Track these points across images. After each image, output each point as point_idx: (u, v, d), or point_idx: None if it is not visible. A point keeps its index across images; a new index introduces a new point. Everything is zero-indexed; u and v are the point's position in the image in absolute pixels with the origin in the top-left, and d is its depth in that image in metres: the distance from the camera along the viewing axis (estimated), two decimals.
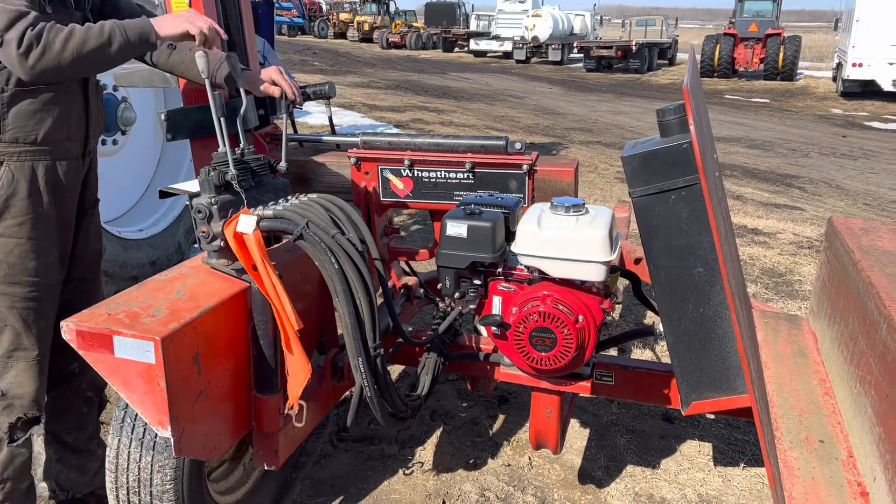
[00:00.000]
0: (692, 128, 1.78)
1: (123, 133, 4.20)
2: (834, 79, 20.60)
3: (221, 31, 2.12)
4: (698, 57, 24.26)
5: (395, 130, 11.44)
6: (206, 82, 2.05)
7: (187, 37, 2.06)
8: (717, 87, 21.37)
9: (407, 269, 3.21)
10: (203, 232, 1.95)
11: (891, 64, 16.93)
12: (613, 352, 3.34)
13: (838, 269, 2.22)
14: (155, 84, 2.64)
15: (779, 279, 5.19)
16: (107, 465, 2.05)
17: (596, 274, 2.09)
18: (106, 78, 3.53)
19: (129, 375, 1.72)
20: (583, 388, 2.35)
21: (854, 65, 17.31)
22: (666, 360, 3.52)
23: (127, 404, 2.00)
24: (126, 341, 1.70)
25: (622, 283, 2.63)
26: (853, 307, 1.94)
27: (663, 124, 2.07)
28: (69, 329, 1.73)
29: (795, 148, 11.43)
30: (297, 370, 2.00)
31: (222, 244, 1.97)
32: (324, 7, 47.62)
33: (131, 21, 2.01)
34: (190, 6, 2.54)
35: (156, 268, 4.19)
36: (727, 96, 19.34)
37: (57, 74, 1.91)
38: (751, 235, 6.25)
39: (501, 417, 3.27)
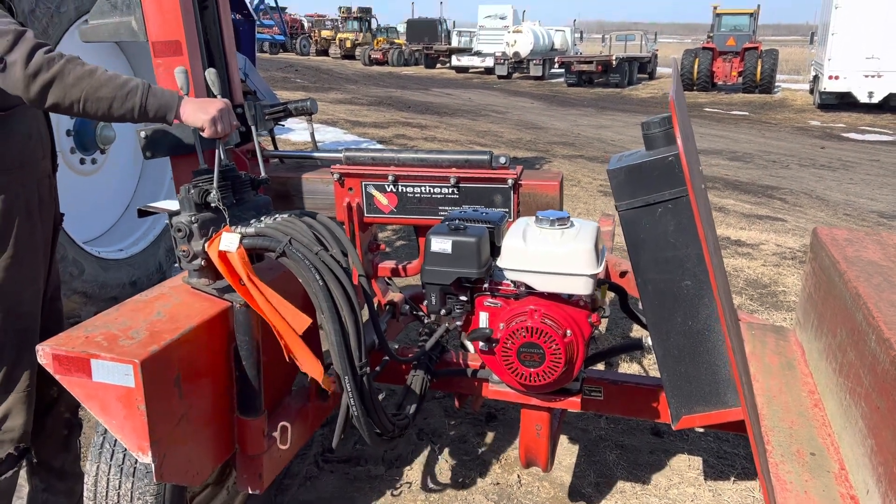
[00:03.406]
0: (679, 140, 1.77)
1: (103, 152, 4.14)
2: (811, 91, 20.89)
3: (235, 126, 2.06)
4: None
5: (378, 146, 11.43)
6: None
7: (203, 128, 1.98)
8: (696, 100, 21.59)
9: (392, 286, 3.18)
10: (183, 251, 1.92)
11: (866, 76, 17.20)
12: (601, 366, 3.32)
13: (824, 280, 2.22)
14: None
15: (763, 290, 5.21)
16: (85, 492, 1.99)
17: (583, 287, 2.07)
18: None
19: (108, 400, 1.67)
20: (572, 404, 2.33)
21: (830, 77, 17.57)
22: (654, 373, 3.51)
23: (106, 430, 1.95)
24: (104, 365, 1.65)
25: (608, 295, 2.61)
26: (840, 318, 1.94)
27: (649, 137, 2.06)
28: (45, 353, 1.69)
29: (775, 159, 11.54)
30: (311, 371, 1.96)
31: (203, 263, 1.93)
32: (305, 25, 47.73)
33: (160, 90, 1.91)
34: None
35: (136, 288, 4.12)
36: (707, 109, 19.55)
37: (55, 107, 1.81)
38: (734, 247, 6.28)
39: (490, 435, 3.23)
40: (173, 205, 2.05)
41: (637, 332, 4.21)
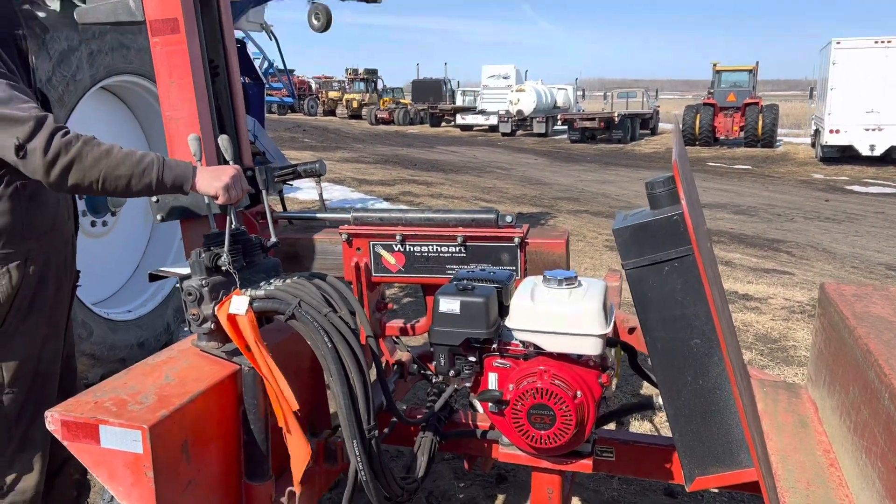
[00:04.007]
0: (683, 202, 1.79)
1: (113, 214, 4.20)
2: (813, 145, 21.11)
3: (247, 191, 2.11)
4: (679, 127, 24.87)
5: (384, 204, 11.54)
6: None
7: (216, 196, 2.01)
8: (699, 155, 21.82)
9: (400, 345, 3.17)
10: (193, 314, 1.93)
11: (867, 130, 17.40)
12: (613, 425, 3.28)
13: (834, 336, 2.21)
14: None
15: (773, 345, 5.17)
16: None
17: (592, 347, 2.07)
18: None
19: (116, 466, 1.66)
20: (584, 467, 2.29)
21: (831, 131, 17.78)
22: (666, 432, 3.45)
23: (112, 496, 1.93)
24: (113, 430, 1.64)
25: (619, 354, 2.60)
26: (852, 375, 1.92)
27: (653, 196, 2.08)
28: (54, 419, 1.68)
29: (780, 213, 11.59)
30: (298, 451, 1.94)
31: (212, 326, 1.94)
32: (313, 86, 48.83)
33: (174, 162, 1.95)
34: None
35: (144, 349, 4.12)
36: (710, 164, 19.74)
37: (74, 188, 1.84)
38: (742, 301, 6.26)
39: (500, 498, 3.17)
40: (184, 269, 2.07)
41: (648, 390, 4.17)
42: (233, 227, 2.08)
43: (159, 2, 2.54)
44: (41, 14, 3.43)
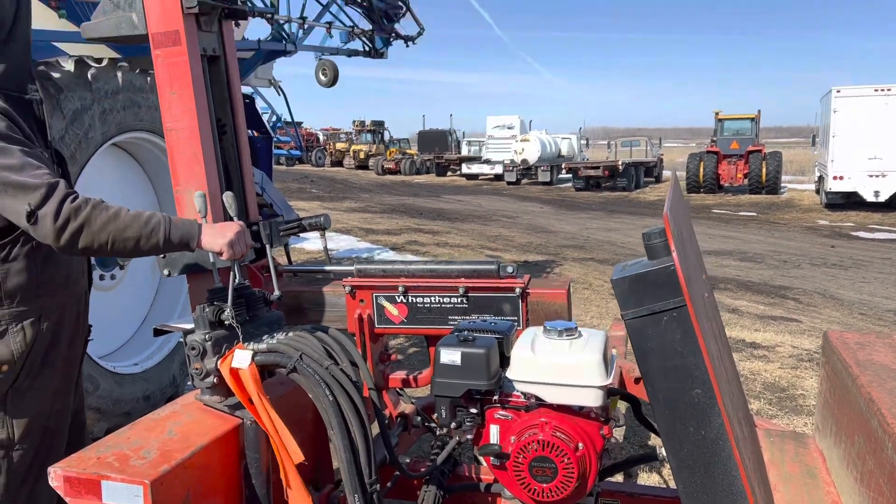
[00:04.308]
0: (674, 254, 1.82)
1: (121, 268, 4.26)
2: (817, 191, 21.20)
3: (251, 246, 2.16)
4: (683, 174, 25.06)
5: (391, 253, 11.60)
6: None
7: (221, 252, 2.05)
8: (704, 202, 21.92)
9: (403, 396, 3.16)
10: (196, 368, 1.95)
11: (871, 176, 17.48)
12: (619, 477, 3.23)
13: (838, 384, 2.21)
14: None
15: (782, 394, 5.12)
16: None
17: (593, 399, 2.07)
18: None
19: None
20: None
21: (835, 177, 17.88)
22: (672, 483, 3.40)
23: None
24: (115, 486, 1.65)
25: (622, 405, 2.59)
26: (857, 425, 1.91)
27: (650, 247, 2.11)
28: (56, 475, 1.69)
29: (786, 259, 11.58)
30: None
31: (215, 381, 1.96)
32: (320, 138, 49.57)
33: (180, 221, 2.00)
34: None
35: (149, 402, 4.12)
36: (715, 211, 19.81)
37: (84, 251, 1.88)
38: (749, 349, 6.22)
39: None
40: (188, 323, 2.10)
41: (655, 440, 4.12)
42: (236, 281, 2.11)
43: (161, 15, 2.60)
44: (56, 75, 3.54)
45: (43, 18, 3.98)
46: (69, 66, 3.65)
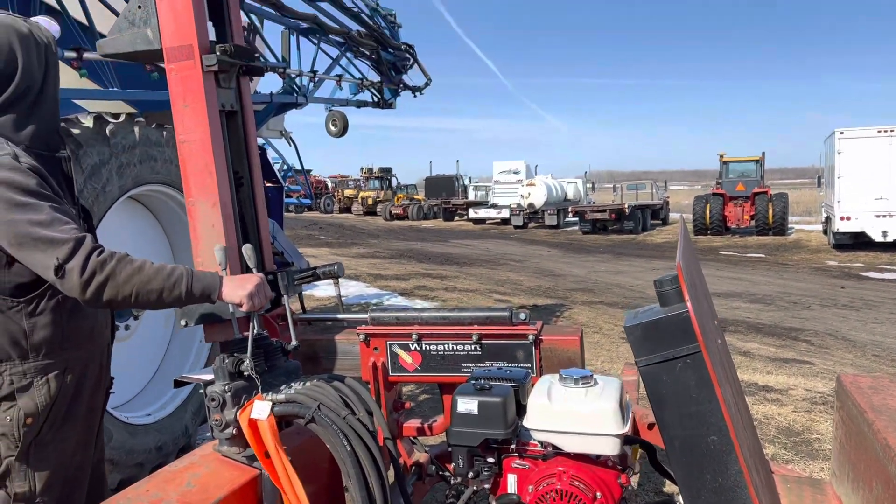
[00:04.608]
0: (689, 303, 1.84)
1: (136, 318, 4.30)
2: (825, 232, 21.20)
3: (270, 297, 2.20)
4: (690, 216, 25.15)
5: (400, 298, 11.62)
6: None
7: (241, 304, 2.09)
8: (712, 244, 21.93)
9: (417, 444, 3.16)
10: (216, 420, 1.97)
11: (878, 216, 17.49)
12: None
13: (854, 430, 2.20)
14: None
15: (797, 438, 5.06)
16: None
17: (610, 447, 2.07)
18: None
19: None
20: None
21: (842, 218, 17.90)
22: None
23: None
24: None
25: (638, 453, 2.58)
26: (875, 470, 1.91)
27: (662, 294, 2.14)
28: None
29: (796, 300, 11.53)
30: None
31: (234, 432, 1.98)
32: (329, 185, 50.11)
33: (202, 274, 2.04)
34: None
35: (161, 452, 4.12)
36: (723, 252, 19.81)
37: (109, 304, 1.91)
38: (762, 393, 6.17)
39: None
40: (207, 374, 2.13)
41: (671, 487, 4.07)
42: (255, 332, 2.15)
43: (175, 30, 2.66)
44: (75, 131, 3.64)
45: (65, 78, 4.10)
46: (88, 122, 3.75)
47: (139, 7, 2.71)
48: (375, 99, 8.41)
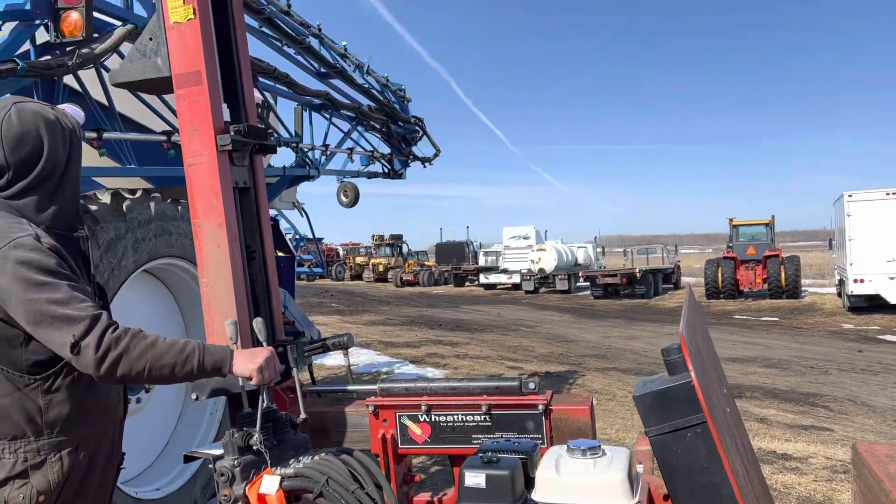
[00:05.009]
0: (692, 373, 1.86)
1: (147, 391, 4.31)
2: (839, 294, 21.02)
3: (280, 370, 2.24)
4: (701, 280, 25.06)
5: (411, 366, 11.55)
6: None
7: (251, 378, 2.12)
8: (725, 308, 21.77)
9: None
10: (225, 495, 1.97)
11: (891, 278, 17.38)
12: None
13: (871, 499, 2.17)
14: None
15: None
16: None
17: None
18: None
19: None
20: None
21: (856, 280, 17.79)
22: None
23: None
24: None
25: None
26: None
27: (669, 363, 2.14)
28: None
29: (813, 365, 11.37)
30: None
31: None
32: (340, 253, 50.48)
33: (213, 348, 2.07)
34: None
35: None
36: (736, 316, 19.64)
37: (122, 378, 1.94)
38: (781, 461, 6.03)
39: None
40: (217, 449, 2.14)
41: None
42: (264, 405, 2.16)
43: (184, 57, 2.75)
44: (93, 207, 3.75)
45: (85, 157, 4.24)
46: (105, 198, 3.86)
47: (150, 39, 2.83)
48: (386, 170, 8.60)
